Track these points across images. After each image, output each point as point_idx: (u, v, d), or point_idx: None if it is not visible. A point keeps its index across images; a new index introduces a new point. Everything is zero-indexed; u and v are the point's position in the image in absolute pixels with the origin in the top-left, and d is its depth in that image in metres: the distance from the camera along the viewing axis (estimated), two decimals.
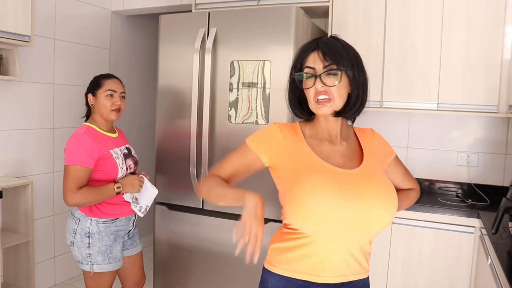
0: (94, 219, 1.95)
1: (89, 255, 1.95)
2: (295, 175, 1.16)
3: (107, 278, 1.99)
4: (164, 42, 2.47)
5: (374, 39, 2.52)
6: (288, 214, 1.18)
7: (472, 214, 2.23)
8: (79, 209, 1.96)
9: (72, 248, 2.00)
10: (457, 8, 2.35)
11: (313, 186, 1.11)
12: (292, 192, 1.14)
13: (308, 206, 1.11)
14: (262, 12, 2.24)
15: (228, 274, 2.37)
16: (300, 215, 1.13)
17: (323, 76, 1.14)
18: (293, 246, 1.18)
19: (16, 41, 2.54)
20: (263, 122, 2.23)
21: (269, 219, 2.24)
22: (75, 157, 1.88)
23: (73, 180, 1.86)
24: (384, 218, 1.14)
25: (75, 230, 1.96)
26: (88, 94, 2.07)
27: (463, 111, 2.38)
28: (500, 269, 1.48)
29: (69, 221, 2.01)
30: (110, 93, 2.03)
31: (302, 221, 1.14)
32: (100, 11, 3.46)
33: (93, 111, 2.07)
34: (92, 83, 2.10)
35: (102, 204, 1.97)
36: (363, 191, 1.13)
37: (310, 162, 1.17)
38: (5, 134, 2.78)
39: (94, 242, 1.94)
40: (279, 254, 1.22)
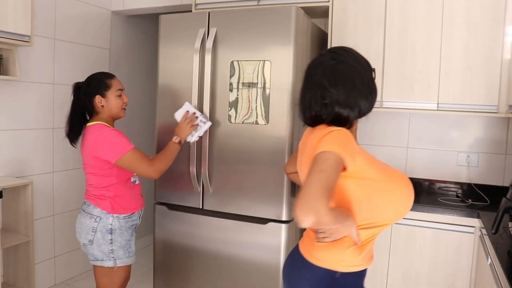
0: (115, 216, 2.00)
1: (112, 251, 1.99)
2: (382, 179, 1.27)
3: (125, 272, 2.06)
4: (164, 42, 2.47)
5: (374, 39, 2.52)
6: (377, 214, 1.27)
7: (472, 214, 2.23)
8: (99, 207, 1.99)
9: (89, 247, 2.00)
10: (457, 8, 2.35)
11: (405, 186, 1.29)
12: (388, 194, 1.26)
13: (403, 203, 1.27)
14: (262, 12, 2.24)
15: (228, 274, 2.36)
16: (395, 212, 1.29)
17: None
18: (367, 241, 1.29)
19: (16, 41, 2.54)
20: (263, 122, 2.23)
21: (269, 219, 2.25)
22: (124, 144, 1.94)
23: (141, 159, 1.95)
24: None
25: (95, 229, 1.98)
26: (96, 96, 2.02)
27: (463, 111, 2.38)
28: (500, 269, 1.48)
29: (84, 221, 2.00)
30: (120, 93, 2.06)
31: (394, 216, 1.30)
32: (100, 11, 3.46)
33: (101, 112, 2.04)
34: (96, 84, 2.03)
35: (124, 200, 2.03)
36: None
37: (383, 165, 1.31)
38: (5, 134, 2.78)
39: (115, 237, 2.00)
40: (359, 254, 1.30)
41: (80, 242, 2.05)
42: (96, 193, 2.01)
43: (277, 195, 2.22)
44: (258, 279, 2.29)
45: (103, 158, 1.94)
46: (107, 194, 2.00)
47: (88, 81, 2.05)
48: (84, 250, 2.05)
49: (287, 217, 2.22)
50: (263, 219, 2.25)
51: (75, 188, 3.31)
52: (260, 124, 2.24)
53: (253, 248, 2.28)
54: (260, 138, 2.24)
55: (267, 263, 2.25)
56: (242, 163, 2.29)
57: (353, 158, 1.21)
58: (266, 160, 2.23)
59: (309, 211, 1.07)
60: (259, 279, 2.28)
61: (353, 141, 1.25)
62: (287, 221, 2.23)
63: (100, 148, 1.93)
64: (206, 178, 2.34)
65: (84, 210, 2.03)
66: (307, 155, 1.30)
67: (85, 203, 2.05)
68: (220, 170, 2.34)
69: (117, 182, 2.00)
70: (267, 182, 2.23)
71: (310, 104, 1.31)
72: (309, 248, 1.36)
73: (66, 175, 3.23)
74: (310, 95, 1.31)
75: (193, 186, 2.40)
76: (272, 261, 2.24)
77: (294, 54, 2.17)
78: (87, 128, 2.01)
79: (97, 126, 1.98)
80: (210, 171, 2.35)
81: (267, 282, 2.26)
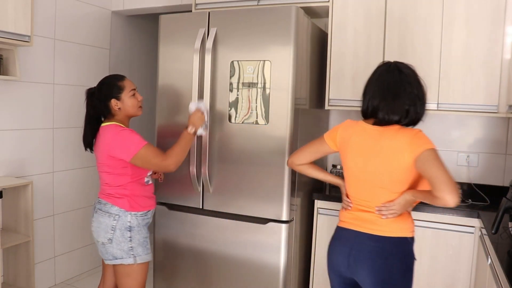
0: (133, 213, 2.01)
1: (131, 248, 2.00)
2: None
3: (146, 269, 2.07)
4: (164, 42, 2.47)
5: (374, 39, 2.52)
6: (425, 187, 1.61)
7: (472, 214, 2.23)
8: (117, 205, 1.99)
9: (108, 246, 2.00)
10: (457, 8, 2.35)
11: None
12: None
13: None
14: (262, 12, 2.24)
15: (228, 274, 2.37)
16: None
17: None
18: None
19: (16, 41, 2.54)
20: (263, 122, 2.23)
21: (269, 219, 2.25)
22: (136, 141, 1.94)
23: (155, 154, 1.97)
24: None
25: (114, 227, 1.98)
26: (111, 100, 2.01)
27: (463, 111, 2.38)
28: (500, 269, 1.48)
29: (103, 220, 2.00)
30: (133, 92, 2.08)
31: None
32: (100, 11, 3.46)
33: (117, 114, 2.04)
34: (109, 88, 2.02)
35: (140, 198, 2.04)
36: None
37: None
38: (5, 134, 2.78)
39: (134, 235, 2.01)
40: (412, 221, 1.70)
41: (98, 242, 2.03)
42: (112, 192, 2.01)
43: (277, 195, 2.22)
44: (258, 279, 2.29)
45: (118, 157, 1.95)
46: (124, 193, 2.00)
47: (101, 86, 2.05)
48: (102, 249, 2.03)
49: (287, 217, 2.22)
50: (263, 219, 2.25)
51: (75, 188, 3.31)
52: (260, 124, 2.24)
53: (253, 248, 2.28)
54: (260, 138, 2.24)
55: (267, 263, 2.25)
56: (242, 163, 2.29)
57: None
58: (266, 160, 2.23)
59: (456, 192, 1.45)
60: (259, 279, 2.28)
61: None
62: (287, 221, 2.23)
63: (114, 147, 1.94)
64: (206, 178, 2.34)
65: (101, 209, 2.02)
66: (391, 151, 1.59)
67: (101, 202, 2.04)
68: (220, 170, 2.34)
69: (131, 181, 2.01)
70: (267, 182, 2.23)
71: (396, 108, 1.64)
72: (374, 226, 1.63)
73: (66, 175, 3.23)
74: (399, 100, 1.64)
75: (193, 186, 2.40)
76: (272, 261, 2.24)
77: (294, 54, 2.17)
78: (102, 129, 2.02)
79: (111, 127, 1.99)
80: (210, 171, 2.35)
81: (267, 282, 2.26)
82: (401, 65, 1.72)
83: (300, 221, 2.45)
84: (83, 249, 3.42)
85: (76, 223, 3.33)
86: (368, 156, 1.64)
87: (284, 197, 2.21)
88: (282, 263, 2.23)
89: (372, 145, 1.63)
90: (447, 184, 1.44)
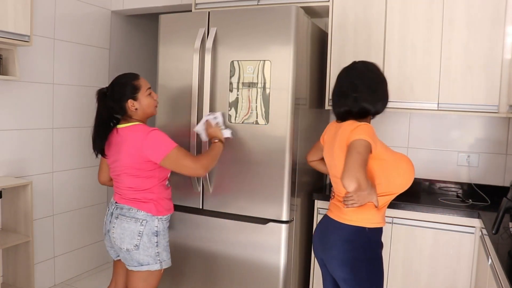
0: (159, 217, 1.97)
1: (158, 254, 1.96)
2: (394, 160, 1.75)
3: (161, 274, 2.03)
4: (164, 42, 2.46)
5: (374, 38, 2.52)
6: (391, 185, 1.74)
7: (472, 214, 2.22)
8: (143, 210, 1.94)
9: (134, 253, 1.93)
10: (458, 8, 2.34)
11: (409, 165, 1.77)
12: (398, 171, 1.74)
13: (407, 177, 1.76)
14: (262, 12, 2.23)
15: (228, 274, 2.36)
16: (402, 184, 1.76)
17: None
18: (384, 206, 1.78)
19: (15, 41, 2.54)
20: (263, 122, 2.23)
21: (269, 219, 2.24)
22: (167, 143, 1.91)
23: (186, 155, 1.94)
24: None
25: (142, 232, 1.92)
26: (128, 101, 1.94)
27: (464, 111, 2.37)
28: (501, 270, 1.48)
29: (128, 226, 1.93)
30: (150, 91, 2.01)
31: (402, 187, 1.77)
32: (100, 11, 3.46)
33: (133, 115, 1.97)
34: (125, 89, 1.95)
35: (164, 201, 2.01)
36: None
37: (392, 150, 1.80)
38: (5, 134, 2.77)
39: (160, 240, 1.98)
40: (379, 214, 1.76)
41: (122, 249, 1.95)
42: (138, 196, 1.95)
43: (277, 195, 2.21)
44: (258, 279, 2.28)
45: (148, 159, 1.89)
46: (150, 196, 1.95)
47: (115, 86, 1.97)
48: (126, 256, 1.95)
49: (287, 217, 2.22)
50: (263, 219, 2.25)
51: (75, 188, 3.31)
52: (260, 124, 2.23)
53: (253, 248, 2.28)
54: (260, 138, 2.24)
55: (267, 263, 2.25)
56: (242, 163, 2.28)
57: (375, 144, 1.67)
58: (266, 160, 2.23)
59: (353, 178, 1.56)
60: (259, 279, 2.28)
61: (375, 133, 1.70)
62: (287, 221, 2.22)
63: (145, 149, 1.87)
64: (206, 178, 2.34)
65: (125, 214, 1.95)
66: (339, 143, 1.73)
67: (122, 208, 1.97)
68: (220, 170, 2.34)
69: (157, 183, 1.98)
70: (267, 182, 2.23)
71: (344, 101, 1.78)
72: (340, 213, 1.79)
73: (66, 175, 3.23)
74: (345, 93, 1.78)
75: (193, 186, 2.40)
76: (272, 261, 2.24)
77: (294, 54, 2.16)
78: (123, 130, 1.94)
79: (138, 127, 1.92)
80: (210, 171, 2.35)
81: (267, 282, 2.26)
82: (358, 64, 1.85)
83: (300, 221, 2.44)
84: (83, 249, 3.42)
85: (75, 223, 3.33)
86: (330, 150, 1.85)
87: (284, 197, 2.20)
88: (282, 263, 2.23)
89: (332, 140, 1.84)
90: (347, 171, 1.57)
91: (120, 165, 1.95)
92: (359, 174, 1.56)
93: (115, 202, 2.02)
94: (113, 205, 2.03)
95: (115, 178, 2.02)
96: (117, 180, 2.00)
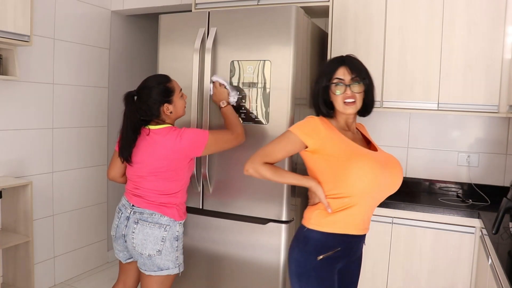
0: (180, 222, 1.99)
1: (177, 258, 1.98)
2: (345, 157, 1.54)
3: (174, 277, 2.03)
4: (164, 42, 2.46)
5: (374, 38, 2.52)
6: (339, 186, 1.55)
7: (472, 214, 2.22)
8: (166, 215, 1.93)
9: (156, 258, 1.91)
10: (458, 8, 2.34)
11: (364, 166, 1.52)
12: (347, 170, 1.52)
13: (361, 180, 1.51)
14: (262, 12, 2.23)
15: (228, 274, 2.36)
16: (354, 187, 1.52)
17: (351, 85, 1.58)
18: (338, 210, 1.57)
19: (15, 41, 2.54)
20: (263, 121, 2.23)
21: (269, 219, 2.24)
22: (200, 132, 1.96)
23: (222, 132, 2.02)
24: (399, 185, 1.63)
25: (165, 238, 1.91)
26: (164, 105, 1.91)
27: (464, 111, 2.37)
28: (501, 270, 1.48)
29: (151, 232, 1.90)
30: (182, 93, 2.02)
31: (355, 191, 1.53)
32: (100, 11, 3.46)
33: (165, 118, 1.95)
34: (159, 92, 1.90)
35: (184, 205, 2.05)
36: (389, 167, 1.59)
37: (353, 147, 1.57)
38: (5, 134, 2.77)
39: (179, 244, 2.00)
40: (324, 217, 1.58)
41: (143, 255, 1.91)
42: (163, 200, 1.93)
43: (277, 195, 2.21)
44: (258, 279, 2.28)
45: (189, 156, 1.92)
46: (174, 201, 1.95)
47: (146, 89, 1.91)
48: (146, 262, 1.92)
49: (287, 217, 2.22)
50: (263, 219, 2.25)
51: (75, 188, 3.31)
52: (260, 123, 2.23)
53: (253, 248, 2.28)
54: (260, 138, 2.23)
55: (267, 263, 2.25)
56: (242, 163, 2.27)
57: (311, 138, 1.57)
58: None
59: (249, 163, 1.65)
60: (259, 279, 2.28)
61: (317, 126, 1.58)
62: (287, 221, 2.22)
63: (184, 148, 1.88)
64: (206, 178, 2.34)
65: (146, 220, 1.91)
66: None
67: (143, 212, 1.92)
68: (220, 170, 2.33)
69: (184, 187, 2.01)
70: (267, 182, 2.22)
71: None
72: None
73: (66, 175, 3.22)
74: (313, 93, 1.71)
75: (192, 187, 2.39)
76: (272, 261, 2.24)
77: (294, 54, 2.16)
78: (154, 132, 1.91)
79: (168, 130, 1.91)
80: (210, 171, 2.35)
81: (267, 282, 2.26)
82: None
83: (300, 221, 2.44)
84: (82, 249, 3.42)
85: (75, 223, 3.33)
86: None
87: (284, 197, 2.20)
88: (282, 263, 2.22)
89: None
90: (251, 156, 1.65)
91: (148, 167, 1.92)
92: (256, 160, 1.62)
93: (132, 205, 1.96)
94: (128, 209, 1.97)
95: (136, 179, 1.97)
96: (139, 181, 1.95)
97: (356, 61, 1.64)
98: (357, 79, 1.59)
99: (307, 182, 1.61)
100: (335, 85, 1.60)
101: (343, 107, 1.59)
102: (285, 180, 1.69)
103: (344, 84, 1.59)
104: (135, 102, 1.92)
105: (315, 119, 1.62)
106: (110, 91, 3.59)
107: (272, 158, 1.64)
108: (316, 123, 1.60)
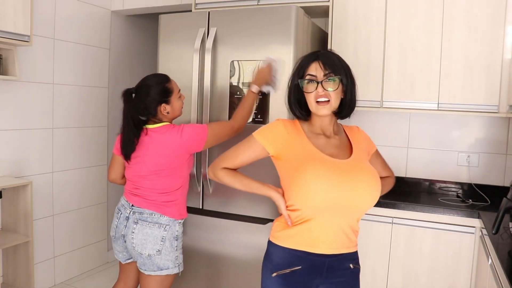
0: (179, 221, 1.98)
1: (177, 257, 1.98)
2: (297, 163, 1.37)
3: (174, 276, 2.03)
4: (164, 42, 2.46)
5: (375, 38, 2.52)
6: (291, 196, 1.39)
7: (472, 214, 2.22)
8: (166, 215, 1.92)
9: (155, 258, 1.90)
10: (458, 8, 2.34)
11: (313, 173, 1.33)
12: (295, 178, 1.36)
13: (309, 190, 1.33)
14: (262, 12, 2.23)
15: (227, 274, 2.36)
16: (303, 198, 1.35)
17: (324, 82, 1.38)
18: (296, 222, 1.40)
19: (15, 41, 2.54)
20: (263, 122, 2.22)
21: (268, 219, 2.24)
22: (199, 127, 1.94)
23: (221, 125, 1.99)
24: (368, 200, 1.38)
25: (164, 237, 1.91)
26: (161, 105, 1.90)
27: (464, 111, 2.37)
28: (501, 270, 1.48)
29: (151, 231, 1.90)
30: (180, 93, 2.02)
31: (304, 202, 1.35)
32: (100, 11, 3.46)
33: (162, 118, 1.94)
34: (158, 92, 1.90)
35: (184, 204, 2.03)
36: (353, 178, 1.36)
37: (309, 152, 1.39)
38: (5, 134, 2.77)
39: (178, 243, 1.99)
40: (281, 229, 1.44)
41: (142, 255, 1.90)
42: (163, 200, 1.93)
43: None
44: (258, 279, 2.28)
45: (190, 151, 1.93)
46: (174, 199, 1.95)
47: (144, 88, 1.90)
48: (146, 261, 1.92)
49: None
50: (263, 219, 2.25)
51: (75, 188, 3.31)
52: (260, 124, 2.23)
53: (253, 248, 2.27)
54: None
55: None
56: None
57: (271, 144, 1.44)
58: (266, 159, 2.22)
59: (209, 167, 1.55)
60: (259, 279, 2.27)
61: (279, 131, 1.44)
62: None
63: (185, 145, 1.89)
64: (206, 178, 2.34)
65: (146, 220, 1.90)
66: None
67: (143, 212, 1.92)
68: None
69: (185, 183, 2.00)
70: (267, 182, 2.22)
71: None
72: None
73: (66, 175, 3.22)
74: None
75: (192, 186, 2.39)
76: None
77: (294, 53, 2.16)
78: (152, 131, 1.91)
79: (167, 128, 1.91)
80: None
81: None
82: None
83: None
84: (82, 249, 3.42)
85: (75, 223, 3.33)
86: None
87: None
88: None
89: None
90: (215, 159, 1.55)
91: (149, 166, 1.91)
92: (216, 164, 1.52)
93: (132, 205, 1.96)
94: (127, 209, 1.96)
95: (136, 179, 1.96)
96: (139, 181, 1.95)
97: (332, 56, 1.43)
98: (331, 75, 1.38)
99: (267, 192, 1.45)
100: (307, 83, 1.41)
101: (316, 107, 1.40)
102: (244, 187, 1.51)
103: (316, 81, 1.39)
104: (133, 100, 1.93)
105: (279, 122, 1.46)
106: (110, 91, 3.59)
107: (233, 162, 1.51)
108: (279, 128, 1.45)
